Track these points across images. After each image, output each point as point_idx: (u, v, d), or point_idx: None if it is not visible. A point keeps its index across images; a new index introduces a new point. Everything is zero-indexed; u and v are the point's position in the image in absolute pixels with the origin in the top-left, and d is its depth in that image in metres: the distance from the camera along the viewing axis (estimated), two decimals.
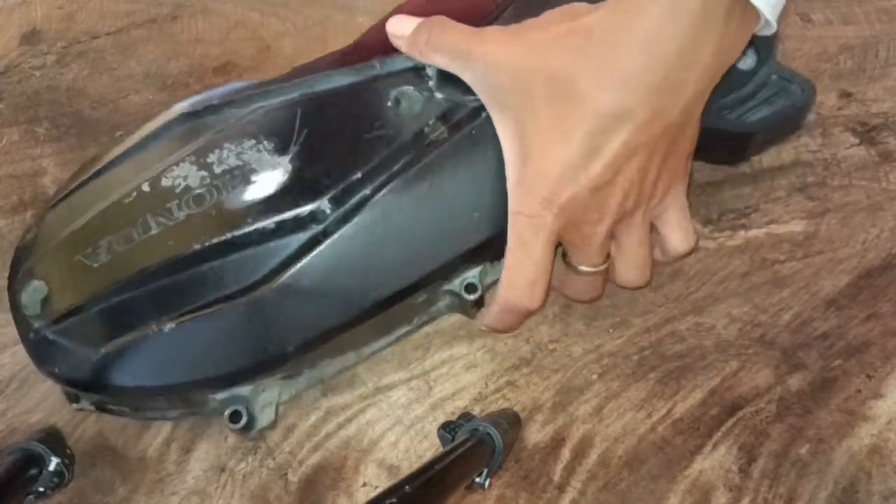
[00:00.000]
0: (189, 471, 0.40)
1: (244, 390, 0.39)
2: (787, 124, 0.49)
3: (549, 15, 0.38)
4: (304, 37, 0.61)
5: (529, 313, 0.40)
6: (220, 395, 0.39)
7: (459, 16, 0.40)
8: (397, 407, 0.42)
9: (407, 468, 0.40)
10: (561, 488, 0.39)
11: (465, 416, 0.40)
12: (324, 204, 0.39)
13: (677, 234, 0.41)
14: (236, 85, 0.43)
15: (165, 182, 0.40)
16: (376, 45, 0.43)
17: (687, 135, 0.39)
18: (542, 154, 0.37)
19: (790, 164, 0.53)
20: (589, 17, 0.36)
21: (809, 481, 0.38)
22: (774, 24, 0.37)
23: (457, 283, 0.41)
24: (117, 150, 0.42)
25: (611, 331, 0.45)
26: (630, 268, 0.41)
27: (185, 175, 0.40)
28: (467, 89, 0.40)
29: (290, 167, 0.39)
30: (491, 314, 0.41)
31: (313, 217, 0.39)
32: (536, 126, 0.37)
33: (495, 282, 0.41)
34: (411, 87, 0.41)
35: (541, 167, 0.37)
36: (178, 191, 0.39)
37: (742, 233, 0.49)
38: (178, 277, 0.38)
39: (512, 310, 0.40)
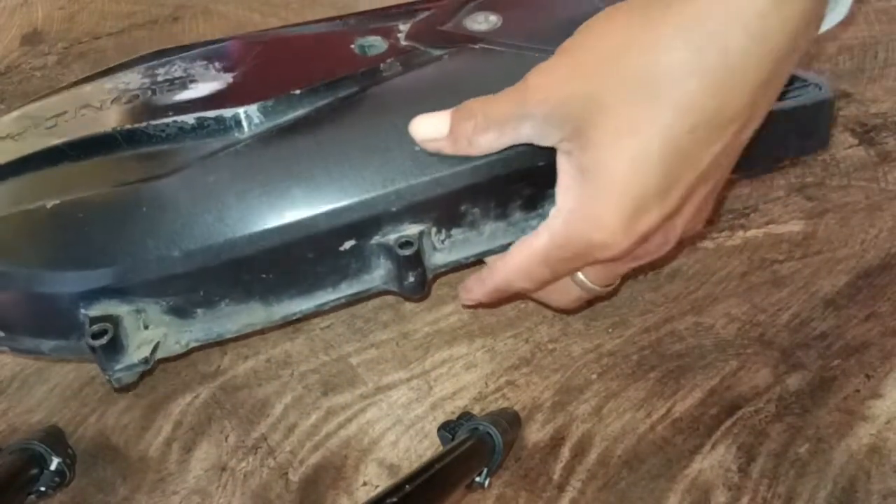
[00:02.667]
0: (190, 470, 0.41)
1: (121, 309, 0.34)
2: (800, 124, 0.43)
3: (603, 17, 0.32)
4: None
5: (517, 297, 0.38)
6: (93, 311, 0.34)
7: None
8: (397, 406, 0.42)
9: (407, 467, 0.40)
10: (561, 487, 0.39)
11: (465, 416, 0.40)
12: (251, 110, 0.36)
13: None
14: None
15: (107, 85, 0.38)
16: None
17: (740, 148, 0.33)
18: (616, 180, 0.31)
19: (789, 165, 0.53)
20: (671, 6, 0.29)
21: (808, 480, 0.39)
22: (846, 8, 0.33)
23: (391, 238, 0.36)
24: (86, 76, 0.41)
25: (610, 330, 0.45)
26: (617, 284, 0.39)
27: (128, 81, 0.38)
28: (435, 41, 0.37)
29: (230, 80, 0.37)
30: (484, 290, 0.38)
31: (237, 122, 0.36)
32: (612, 149, 0.31)
33: (447, 268, 0.38)
34: (379, 37, 0.39)
35: (611, 197, 0.31)
36: (114, 92, 0.38)
37: (741, 233, 0.49)
38: (82, 160, 0.36)
39: (505, 294, 0.38)
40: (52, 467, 0.38)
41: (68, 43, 0.62)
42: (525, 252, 0.35)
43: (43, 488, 0.38)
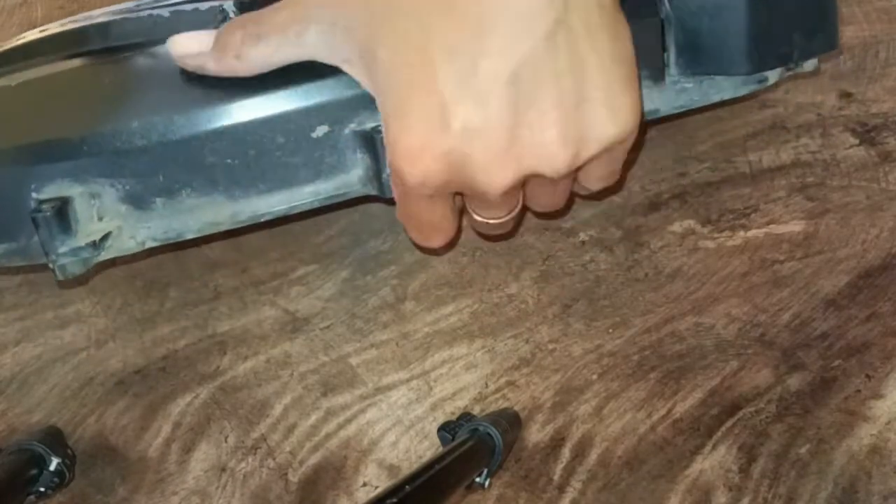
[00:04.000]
0: (189, 471, 0.40)
1: (73, 190, 0.32)
2: (803, 12, 0.38)
3: None
4: None
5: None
6: (45, 194, 0.32)
7: None
8: (397, 407, 0.42)
9: (407, 468, 0.40)
10: (561, 488, 0.39)
11: (465, 416, 0.40)
12: (228, 5, 0.35)
13: (599, 181, 0.34)
14: None
15: (101, 12, 0.38)
16: None
17: (614, 25, 0.29)
18: (405, 89, 0.28)
19: (790, 165, 0.53)
20: None
21: (809, 481, 0.38)
22: None
23: (368, 126, 0.33)
24: None
25: (611, 331, 0.45)
26: (544, 207, 0.35)
27: (126, 8, 0.38)
28: None
29: None
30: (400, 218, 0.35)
31: (213, 15, 0.35)
32: (397, 57, 0.28)
33: None
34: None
35: (403, 109, 0.28)
36: (103, 14, 0.38)
37: (742, 233, 0.49)
38: (58, 54, 0.35)
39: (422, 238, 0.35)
40: (52, 468, 0.38)
41: None
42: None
43: (42, 489, 0.38)
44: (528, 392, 0.43)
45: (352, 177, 0.35)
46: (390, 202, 0.35)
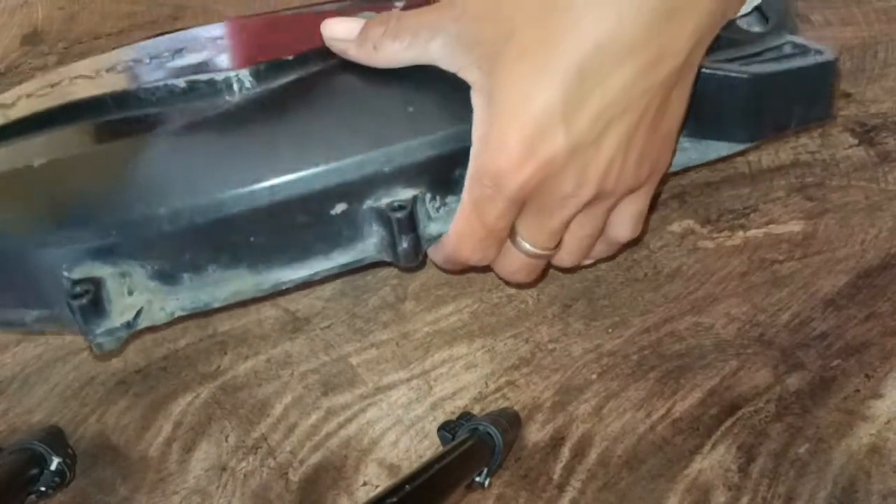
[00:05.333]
0: (190, 470, 0.41)
1: (104, 270, 0.33)
2: (802, 88, 0.40)
3: None
4: None
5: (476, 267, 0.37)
6: (76, 273, 0.33)
7: None
8: (397, 406, 0.42)
9: (407, 467, 0.40)
10: (561, 487, 0.39)
11: (465, 416, 0.40)
12: (243, 74, 0.35)
13: (628, 224, 0.37)
14: None
15: (103, 58, 0.38)
16: None
17: (680, 98, 0.33)
18: (518, 99, 0.31)
19: (789, 165, 0.53)
20: None
21: (808, 481, 0.39)
22: None
23: (384, 202, 0.35)
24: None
25: (610, 330, 0.45)
26: (572, 255, 0.37)
27: (124, 54, 0.38)
28: None
29: (223, 49, 0.37)
30: (437, 255, 0.37)
31: (228, 85, 0.35)
32: (516, 67, 0.31)
33: (439, 237, 0.37)
34: (373, 13, 0.38)
35: (514, 118, 0.31)
36: (109, 63, 0.38)
37: (741, 233, 0.49)
38: (73, 124, 0.35)
39: (459, 263, 0.37)
40: (53, 467, 0.38)
41: (68, 43, 0.62)
42: (460, 209, 0.35)
43: (43, 488, 0.38)
44: (527, 392, 0.43)
45: (368, 246, 0.37)
46: (406, 270, 0.37)
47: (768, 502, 0.38)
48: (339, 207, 0.35)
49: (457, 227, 0.35)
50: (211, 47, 0.38)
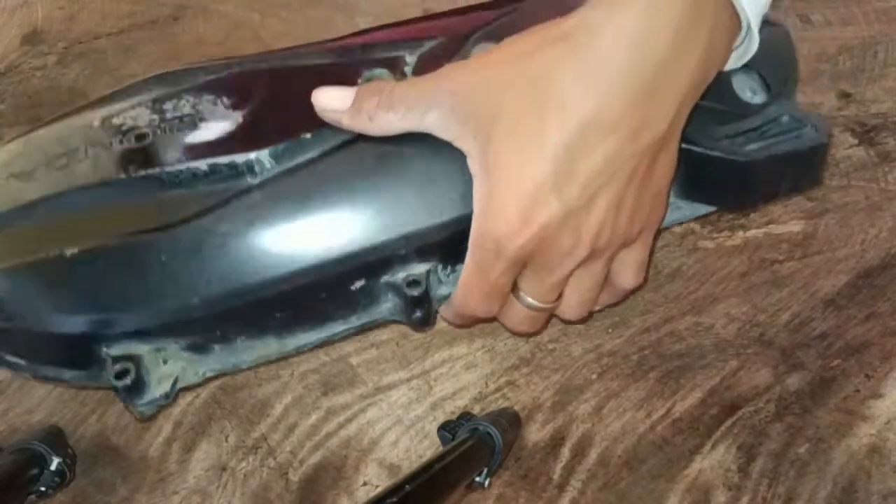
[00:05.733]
0: (190, 470, 0.41)
1: (141, 349, 0.36)
2: (795, 167, 0.43)
3: (521, 33, 0.35)
4: (305, 38, 0.61)
5: (484, 319, 0.39)
6: (114, 350, 0.35)
7: None
8: (397, 407, 0.42)
9: (407, 467, 0.40)
10: (561, 487, 0.39)
11: (465, 416, 0.40)
12: (263, 155, 0.36)
13: (631, 274, 0.38)
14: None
15: (115, 121, 0.39)
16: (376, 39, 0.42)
17: (666, 161, 0.36)
18: (512, 173, 0.33)
19: None
20: (566, 21, 0.33)
21: (808, 480, 0.39)
22: (756, 35, 0.36)
23: (399, 277, 0.37)
24: (90, 102, 0.41)
25: (610, 331, 0.45)
26: (576, 307, 0.38)
27: (136, 116, 0.39)
28: None
29: (240, 120, 0.38)
30: (447, 312, 0.39)
31: (249, 167, 0.36)
32: (509, 144, 0.33)
33: (448, 296, 0.39)
34: (386, 70, 0.39)
35: (510, 189, 0.33)
36: (123, 128, 0.38)
37: (741, 233, 0.49)
38: (96, 206, 0.36)
39: (467, 317, 0.39)
40: (53, 467, 0.38)
41: (68, 43, 0.62)
42: (465, 269, 0.37)
43: (43, 488, 0.38)
44: (527, 392, 0.43)
45: (383, 310, 0.39)
46: (418, 331, 0.40)
47: (768, 502, 0.38)
48: (358, 284, 0.37)
49: (463, 285, 0.37)
50: (222, 112, 0.39)
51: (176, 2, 0.65)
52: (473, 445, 0.37)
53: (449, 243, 0.37)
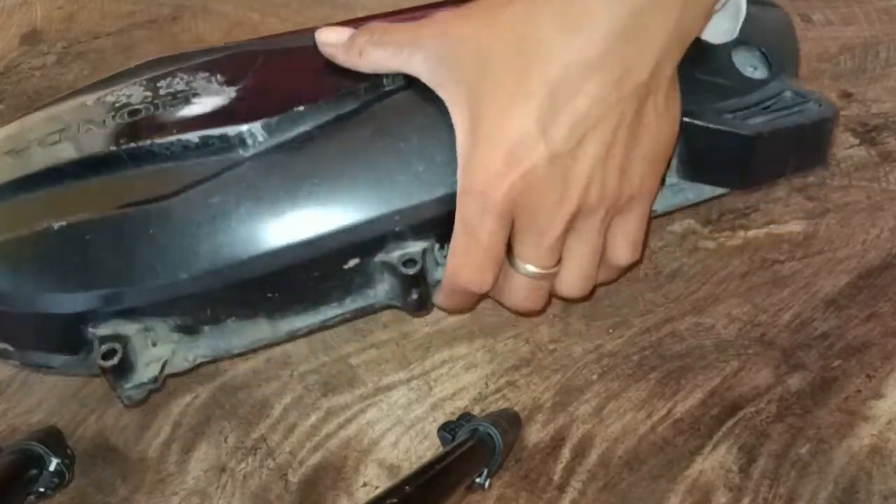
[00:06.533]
0: (189, 471, 0.40)
1: (129, 328, 0.35)
2: (800, 142, 0.42)
3: None
4: None
5: (479, 295, 0.38)
6: (102, 330, 0.35)
7: None
8: (397, 407, 0.42)
9: (407, 468, 0.40)
10: (561, 488, 0.39)
11: (465, 417, 0.40)
12: (256, 128, 0.36)
13: (625, 246, 0.38)
14: None
15: (108, 98, 0.39)
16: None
17: (655, 118, 0.35)
18: (497, 119, 0.33)
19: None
20: None
21: (810, 481, 0.38)
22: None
23: (395, 256, 0.36)
24: (86, 86, 0.41)
25: (611, 331, 0.45)
26: (574, 278, 0.38)
27: (130, 94, 0.39)
28: None
29: (233, 95, 0.37)
30: (440, 295, 0.39)
31: (242, 140, 0.36)
32: (493, 92, 0.33)
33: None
34: None
35: (493, 135, 0.33)
36: (116, 105, 0.38)
37: (742, 233, 0.49)
38: (87, 178, 0.36)
39: (460, 293, 0.38)
40: (52, 468, 0.38)
41: (67, 43, 0.62)
42: (454, 234, 0.36)
43: (42, 489, 0.38)
44: (528, 392, 0.43)
45: (378, 292, 0.38)
46: (415, 315, 0.40)
47: (769, 503, 0.38)
48: (352, 262, 0.36)
49: (453, 253, 0.36)
50: (216, 88, 0.38)
51: (175, 1, 0.65)
52: (473, 446, 0.37)
53: (445, 221, 0.36)
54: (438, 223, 0.36)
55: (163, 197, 0.35)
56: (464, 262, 0.36)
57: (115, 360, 0.34)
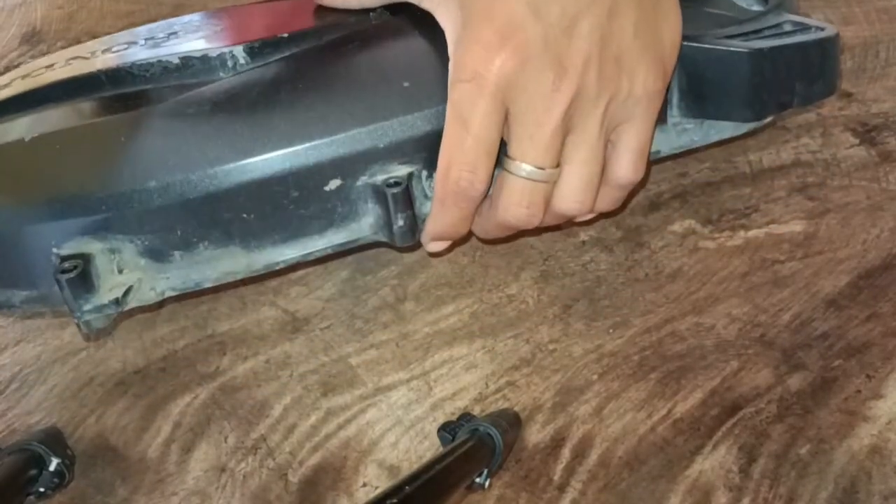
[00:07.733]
0: (189, 471, 0.40)
1: (94, 247, 0.33)
2: (804, 65, 0.39)
3: None
4: None
5: (474, 202, 0.36)
6: (65, 249, 0.33)
7: None
8: (397, 407, 0.42)
9: (407, 468, 0.40)
10: (561, 488, 0.39)
11: (465, 417, 0.40)
12: (237, 50, 0.35)
13: (627, 159, 0.36)
14: None
15: (99, 42, 0.39)
16: None
17: (661, 20, 0.34)
18: (487, 4, 0.32)
19: (790, 165, 0.53)
20: None
21: (810, 481, 0.38)
22: None
23: (379, 179, 0.35)
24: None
25: (611, 331, 0.45)
26: (574, 188, 0.36)
27: (120, 37, 0.39)
28: None
29: (217, 29, 0.38)
30: (431, 216, 0.37)
31: (223, 61, 0.35)
32: None
33: None
34: None
35: (484, 16, 0.32)
36: (104, 45, 0.38)
37: (742, 233, 0.49)
38: (66, 101, 0.36)
39: (452, 196, 0.35)
40: (51, 468, 0.38)
41: (67, 42, 0.62)
42: (446, 126, 0.35)
43: (42, 489, 0.38)
44: (528, 392, 0.43)
45: (363, 225, 0.36)
46: (401, 249, 0.36)
47: (769, 503, 0.38)
48: (334, 183, 0.34)
49: (445, 145, 0.34)
50: (206, 29, 0.38)
51: (175, 1, 0.65)
52: (473, 446, 0.37)
53: (433, 143, 0.35)
54: (424, 145, 0.35)
55: (131, 100, 0.35)
56: (455, 151, 0.34)
57: (73, 274, 0.32)
